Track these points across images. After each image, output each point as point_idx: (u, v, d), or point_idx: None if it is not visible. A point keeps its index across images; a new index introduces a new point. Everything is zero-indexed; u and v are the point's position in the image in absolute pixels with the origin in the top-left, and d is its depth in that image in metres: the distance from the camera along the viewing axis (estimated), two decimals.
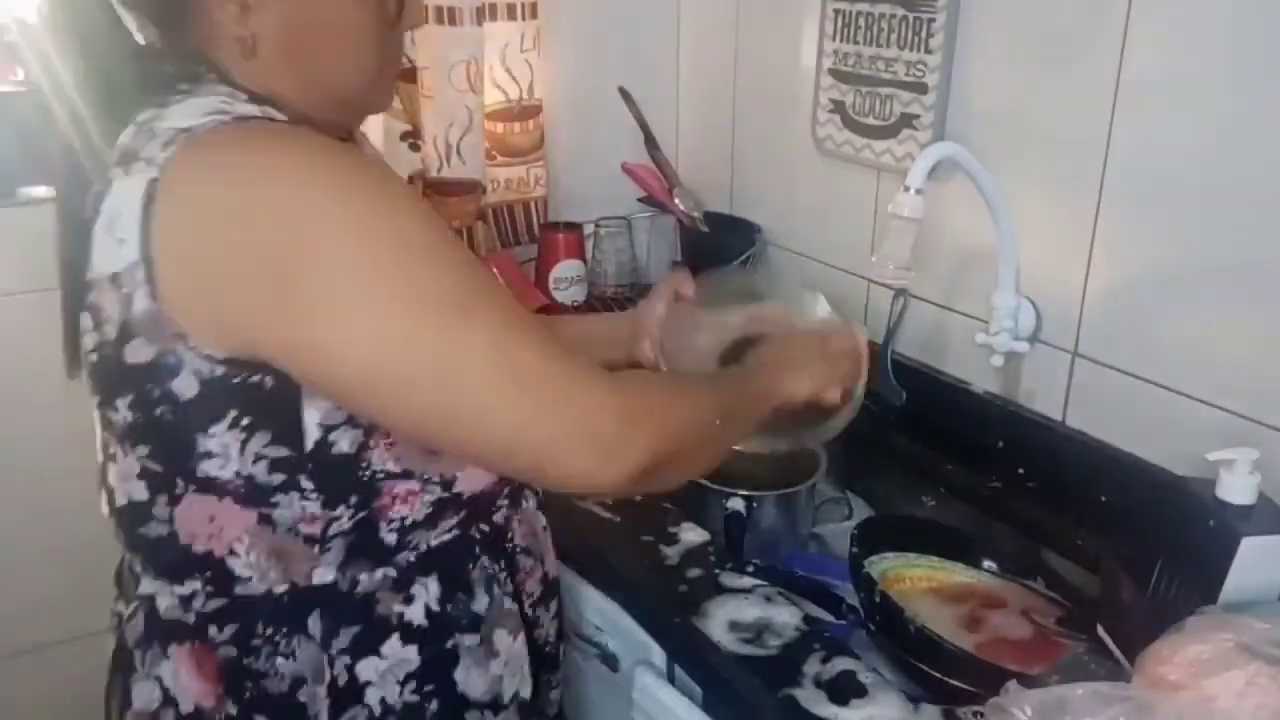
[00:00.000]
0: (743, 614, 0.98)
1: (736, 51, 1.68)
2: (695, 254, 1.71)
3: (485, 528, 0.86)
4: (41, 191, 1.56)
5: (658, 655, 1.05)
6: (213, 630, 0.79)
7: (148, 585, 0.82)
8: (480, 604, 0.85)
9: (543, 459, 0.70)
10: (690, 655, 0.99)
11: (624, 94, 1.62)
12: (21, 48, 1.51)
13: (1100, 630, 0.93)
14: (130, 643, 0.83)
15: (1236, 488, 0.90)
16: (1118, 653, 0.89)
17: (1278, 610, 0.83)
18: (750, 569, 1.04)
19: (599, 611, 1.12)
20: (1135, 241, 1.12)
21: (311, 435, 0.72)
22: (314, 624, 0.79)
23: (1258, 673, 0.73)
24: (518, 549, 0.90)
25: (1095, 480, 1.18)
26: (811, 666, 0.90)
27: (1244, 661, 0.74)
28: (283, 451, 0.72)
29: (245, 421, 0.71)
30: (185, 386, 0.70)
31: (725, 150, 1.75)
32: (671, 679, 1.03)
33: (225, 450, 0.72)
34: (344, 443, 0.73)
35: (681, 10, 1.79)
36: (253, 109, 0.72)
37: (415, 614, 0.82)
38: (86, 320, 0.73)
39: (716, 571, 1.04)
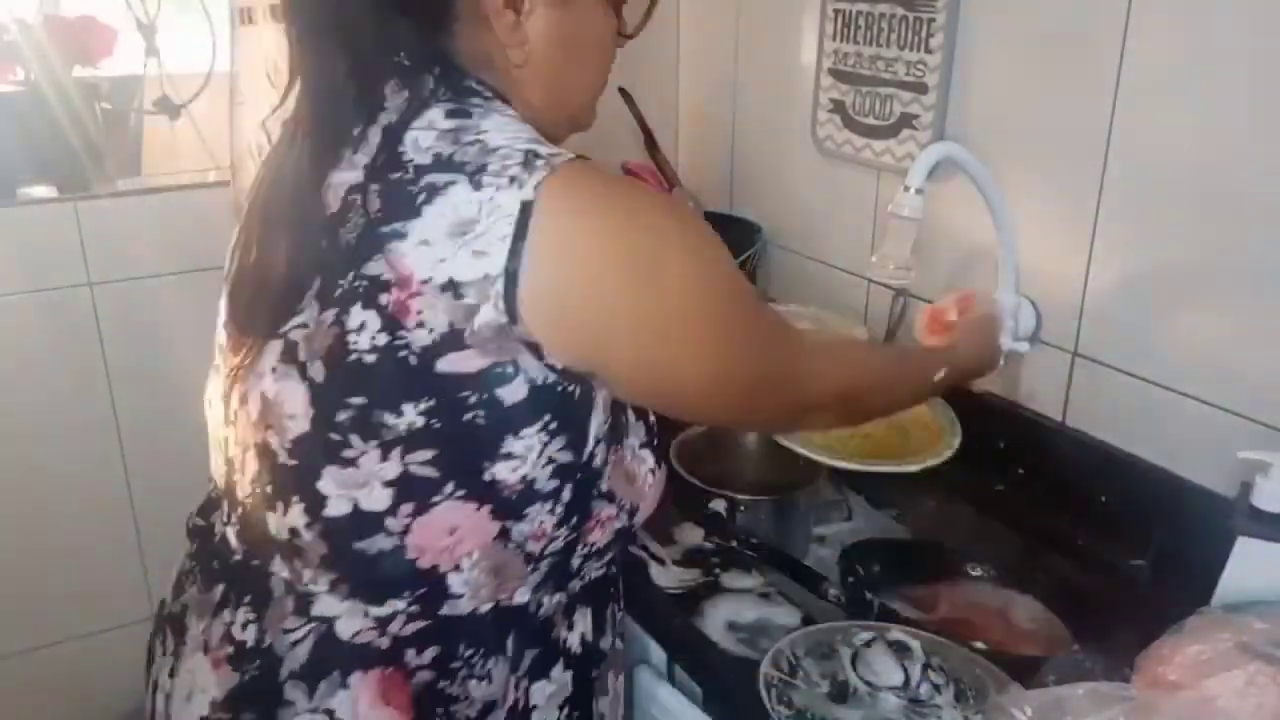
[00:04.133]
0: (742, 614, 0.98)
1: (736, 52, 1.68)
2: None
3: (614, 568, 0.90)
4: (41, 191, 1.56)
5: (657, 655, 1.05)
6: (410, 654, 0.76)
7: (329, 606, 0.76)
8: (607, 642, 0.89)
9: (761, 426, 1.01)
10: (690, 655, 0.99)
11: (624, 94, 1.62)
12: (21, 47, 1.52)
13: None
14: (283, 675, 0.76)
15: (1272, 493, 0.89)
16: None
17: (1277, 610, 0.83)
18: (748, 552, 1.04)
19: None
20: (1135, 241, 1.12)
21: (588, 446, 0.76)
22: (510, 644, 0.80)
23: (1258, 673, 0.73)
24: (622, 591, 0.94)
25: (1095, 480, 1.18)
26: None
27: (1244, 661, 0.74)
28: (568, 457, 0.74)
29: (553, 425, 0.73)
30: (514, 392, 0.70)
31: (725, 150, 1.75)
32: (671, 679, 1.03)
33: (527, 452, 0.72)
34: (599, 457, 0.77)
35: (681, 10, 1.79)
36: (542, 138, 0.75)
37: (575, 641, 0.85)
38: (364, 320, 0.69)
39: (716, 572, 1.04)
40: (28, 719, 1.69)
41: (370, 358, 0.69)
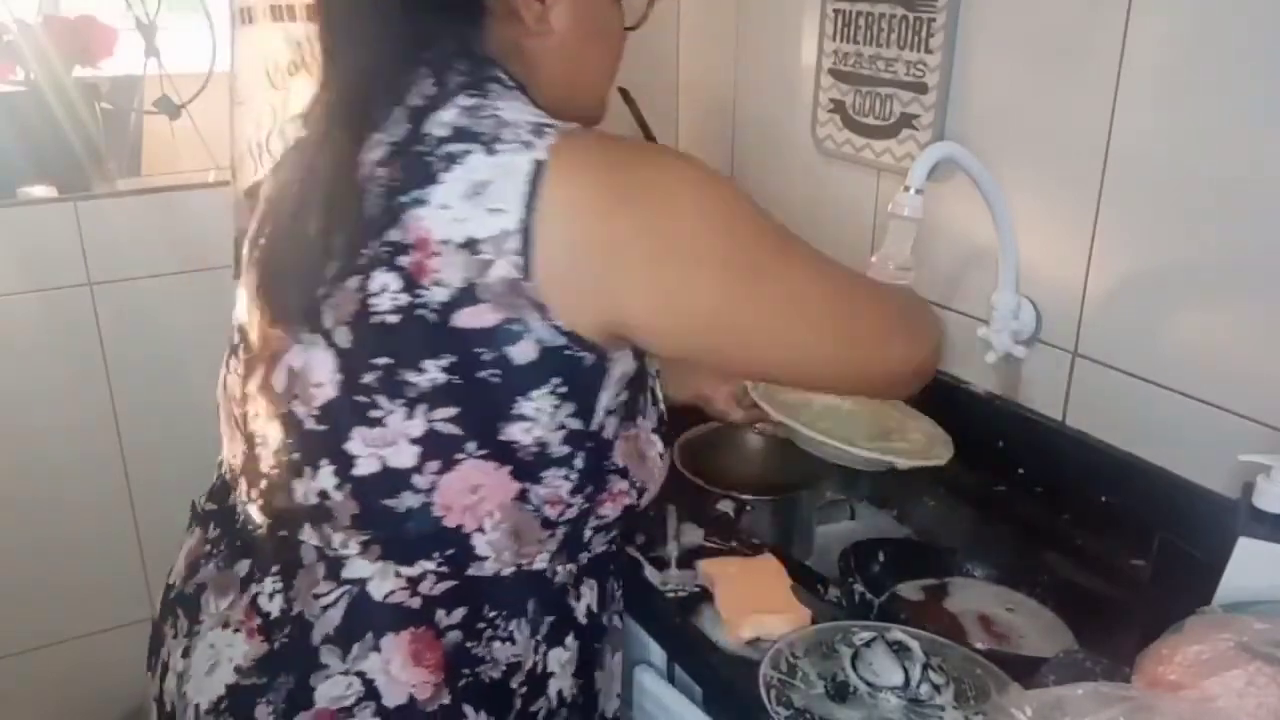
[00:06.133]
0: None
1: (736, 51, 1.68)
2: None
3: (615, 547, 0.91)
4: (41, 191, 1.56)
5: (658, 655, 1.05)
6: (440, 614, 0.79)
7: (360, 568, 0.79)
8: (607, 617, 0.91)
9: (888, 370, 0.85)
10: (690, 655, 0.99)
11: (624, 94, 1.62)
12: (21, 47, 1.52)
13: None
14: (316, 639, 0.79)
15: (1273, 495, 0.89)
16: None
17: (1277, 610, 0.83)
18: (749, 552, 1.04)
19: None
20: (1135, 241, 1.12)
21: (598, 417, 0.78)
22: (531, 608, 0.83)
23: (1258, 673, 0.73)
24: (622, 569, 0.96)
25: (1095, 480, 1.18)
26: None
27: (1244, 661, 0.74)
28: (578, 424, 0.76)
29: (563, 390, 0.75)
30: (522, 352, 0.72)
31: (725, 150, 1.75)
32: (671, 679, 1.03)
33: (538, 414, 0.74)
34: (609, 429, 0.79)
35: (681, 10, 1.79)
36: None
37: (581, 612, 0.87)
38: (385, 282, 0.72)
39: None
40: (28, 719, 1.69)
41: (393, 318, 0.72)
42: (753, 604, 0.98)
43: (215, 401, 0.89)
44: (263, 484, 0.82)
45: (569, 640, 0.86)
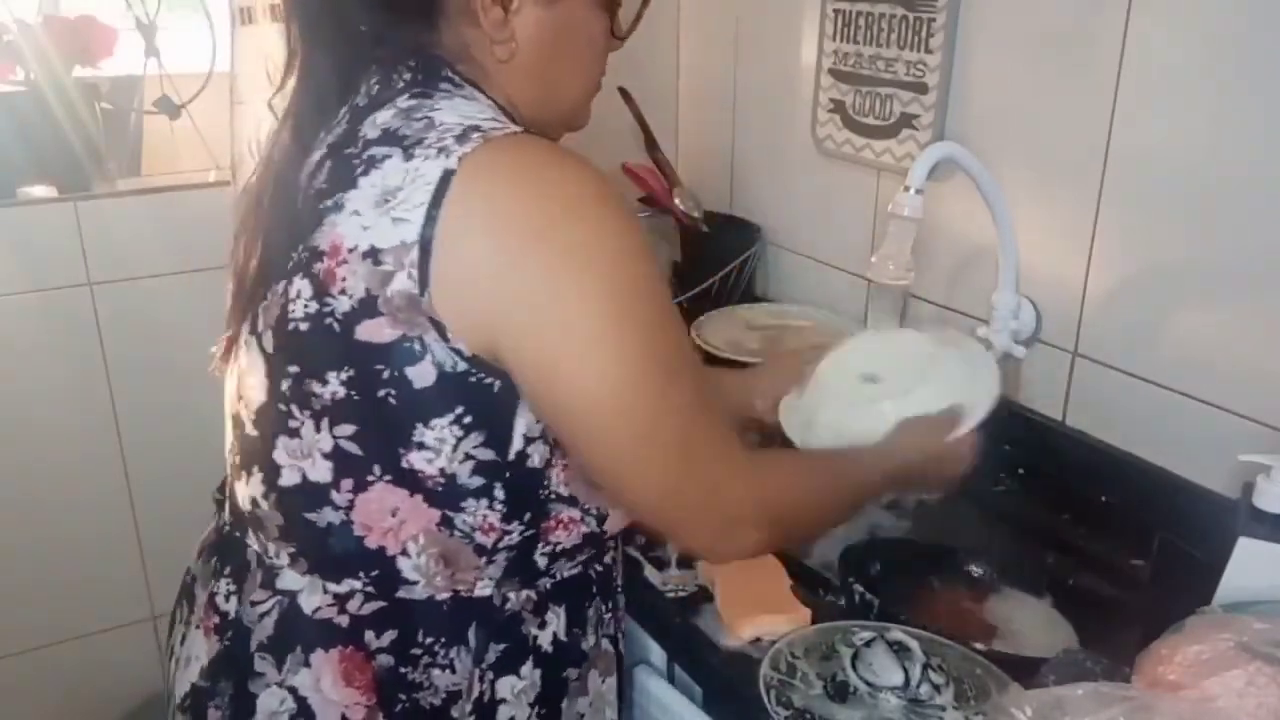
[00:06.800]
0: None
1: (736, 51, 1.68)
2: (695, 254, 1.71)
3: (599, 568, 0.88)
4: (41, 191, 1.56)
5: (658, 655, 1.05)
6: (369, 635, 0.77)
7: (291, 580, 0.78)
8: (588, 643, 0.87)
9: (678, 525, 0.77)
10: (690, 655, 0.99)
11: (624, 94, 1.62)
12: (21, 47, 1.52)
13: None
14: (253, 646, 0.78)
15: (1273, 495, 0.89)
16: None
17: (1278, 610, 0.83)
18: None
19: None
20: (1135, 241, 1.12)
21: (515, 445, 0.73)
22: (472, 636, 0.79)
23: (1258, 673, 0.73)
24: (619, 590, 0.93)
25: (1095, 480, 1.18)
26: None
27: (1244, 661, 0.74)
28: (489, 455, 0.73)
29: (467, 420, 0.71)
30: (421, 375, 0.69)
31: (725, 150, 1.75)
32: (671, 679, 1.03)
33: (439, 445, 0.71)
34: (536, 457, 0.74)
35: (681, 10, 1.79)
36: (506, 120, 0.73)
37: (545, 639, 0.83)
38: (301, 288, 0.71)
39: None
40: (28, 719, 1.69)
41: (304, 325, 0.71)
42: (753, 604, 0.98)
43: (220, 399, 0.89)
44: (226, 481, 0.84)
45: (525, 669, 0.82)
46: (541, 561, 0.80)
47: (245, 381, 0.77)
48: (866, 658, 0.90)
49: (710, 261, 1.63)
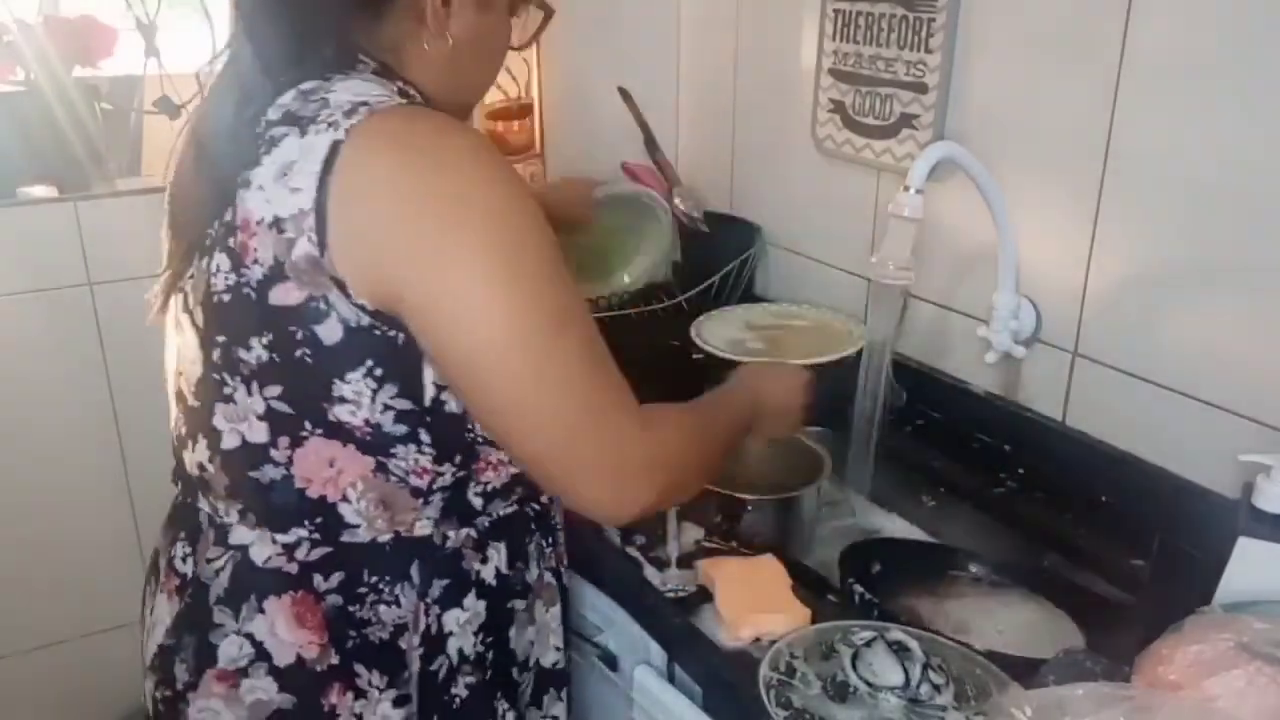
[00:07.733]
0: None
1: (736, 51, 1.68)
2: (695, 254, 1.71)
3: (536, 506, 0.93)
4: (41, 191, 1.56)
5: (658, 655, 1.05)
6: (318, 579, 0.82)
7: (242, 535, 0.83)
8: (531, 574, 0.94)
9: (569, 479, 0.78)
10: (690, 655, 0.99)
11: (624, 94, 1.62)
12: (21, 47, 1.52)
13: None
14: (211, 600, 0.84)
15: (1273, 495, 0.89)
16: None
17: (1277, 610, 0.83)
18: (749, 552, 1.04)
19: (599, 611, 1.12)
20: (1135, 241, 1.12)
21: (429, 392, 0.78)
22: (415, 573, 0.85)
23: (1258, 673, 0.73)
24: (558, 526, 0.98)
25: (1095, 480, 1.18)
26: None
27: (1244, 661, 0.74)
28: (406, 404, 0.77)
29: (378, 372, 0.76)
30: (329, 332, 0.74)
31: (725, 150, 1.74)
32: (671, 679, 1.03)
33: (358, 397, 0.76)
34: (452, 403, 0.79)
35: (681, 10, 1.79)
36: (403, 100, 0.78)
37: (488, 573, 0.89)
38: (220, 262, 0.76)
39: None
40: (28, 719, 1.69)
41: (226, 297, 0.76)
42: (753, 604, 0.98)
43: None
44: (173, 452, 0.89)
45: (469, 600, 0.87)
46: (477, 501, 0.86)
47: (183, 356, 0.83)
48: (866, 658, 0.90)
49: (710, 261, 1.63)
